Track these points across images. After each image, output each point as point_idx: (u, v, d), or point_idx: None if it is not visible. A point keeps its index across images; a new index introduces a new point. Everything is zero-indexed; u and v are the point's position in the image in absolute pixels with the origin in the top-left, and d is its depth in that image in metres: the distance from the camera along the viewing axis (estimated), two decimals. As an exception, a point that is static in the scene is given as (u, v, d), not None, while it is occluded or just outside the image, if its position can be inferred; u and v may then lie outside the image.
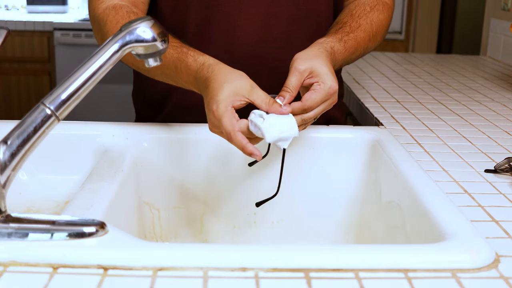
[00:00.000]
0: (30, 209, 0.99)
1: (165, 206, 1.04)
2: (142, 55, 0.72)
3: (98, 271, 0.59)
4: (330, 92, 0.88)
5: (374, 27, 1.06)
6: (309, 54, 0.91)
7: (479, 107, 1.32)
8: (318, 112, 0.89)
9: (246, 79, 0.85)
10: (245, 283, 0.57)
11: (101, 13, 1.03)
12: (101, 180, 0.82)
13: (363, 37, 1.04)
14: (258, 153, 0.83)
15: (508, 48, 1.98)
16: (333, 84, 0.88)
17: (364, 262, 0.60)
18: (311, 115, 0.88)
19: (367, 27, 1.05)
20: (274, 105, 0.84)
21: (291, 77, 0.88)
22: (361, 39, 1.03)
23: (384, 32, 1.11)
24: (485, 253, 0.62)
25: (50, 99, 0.65)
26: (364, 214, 1.02)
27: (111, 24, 1.00)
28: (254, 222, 1.06)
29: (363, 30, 1.04)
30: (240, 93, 0.83)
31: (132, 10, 1.01)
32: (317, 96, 0.87)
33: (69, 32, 3.18)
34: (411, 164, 0.90)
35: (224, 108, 0.82)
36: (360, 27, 1.04)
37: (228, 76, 0.85)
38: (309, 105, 0.87)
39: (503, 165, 0.88)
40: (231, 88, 0.83)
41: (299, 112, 0.87)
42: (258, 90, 0.84)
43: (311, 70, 0.88)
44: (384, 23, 1.10)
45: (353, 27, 1.03)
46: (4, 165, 0.63)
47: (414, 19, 3.62)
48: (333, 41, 0.97)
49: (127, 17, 0.99)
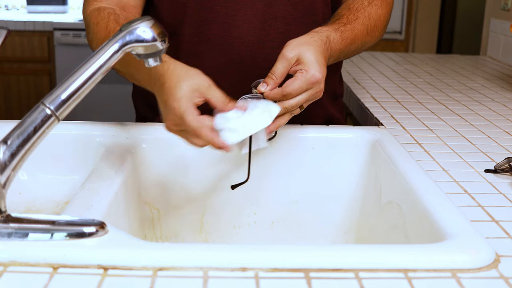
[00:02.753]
0: (30, 209, 0.99)
1: (165, 206, 1.04)
2: (142, 55, 0.72)
3: (98, 271, 0.59)
4: (311, 80, 0.87)
5: (372, 21, 1.06)
6: (300, 41, 0.90)
7: (479, 107, 1.32)
8: (300, 100, 0.88)
9: (203, 77, 0.84)
10: (245, 283, 0.57)
11: (87, 15, 1.06)
12: (101, 180, 0.82)
13: (361, 29, 1.04)
14: (227, 145, 0.82)
15: (508, 48, 1.98)
16: (316, 73, 0.87)
17: (364, 262, 0.60)
18: (292, 103, 0.88)
19: (365, 20, 1.05)
20: (229, 104, 0.83)
21: (278, 63, 0.88)
22: (358, 31, 1.03)
23: (382, 27, 1.10)
24: (485, 253, 0.62)
25: (50, 99, 0.65)
26: (364, 214, 1.02)
27: (93, 25, 1.02)
28: (254, 222, 1.06)
29: (361, 23, 1.04)
30: (199, 90, 0.82)
31: (115, 12, 1.02)
32: (296, 83, 0.87)
33: (69, 32, 3.18)
34: (411, 164, 0.90)
35: (185, 104, 0.81)
36: (357, 19, 1.04)
37: (184, 74, 0.83)
38: (288, 91, 0.86)
39: (503, 165, 0.88)
40: (189, 85, 0.82)
41: (278, 97, 0.87)
42: (215, 88, 0.83)
43: (298, 57, 0.88)
44: (382, 18, 1.09)
45: (350, 19, 1.03)
46: (4, 165, 0.63)
47: (414, 19, 3.62)
48: (329, 30, 0.97)
49: (107, 18, 1.00)
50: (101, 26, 1.01)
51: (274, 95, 0.87)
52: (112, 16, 1.01)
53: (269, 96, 0.88)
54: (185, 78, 0.82)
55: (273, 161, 1.04)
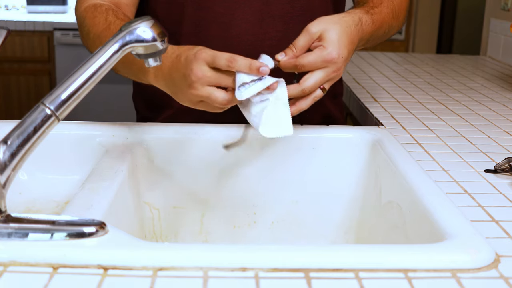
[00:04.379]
0: (30, 209, 0.99)
1: (165, 206, 1.04)
2: (142, 55, 0.72)
3: (98, 271, 0.59)
4: (326, 58, 0.85)
5: (396, 5, 1.06)
6: (328, 19, 0.89)
7: (479, 107, 1.32)
8: (318, 80, 0.86)
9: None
10: (245, 283, 0.57)
11: (82, 11, 1.05)
12: (101, 180, 0.82)
13: (387, 12, 1.03)
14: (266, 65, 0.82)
15: (508, 48, 1.98)
16: (333, 52, 0.85)
17: (364, 262, 0.60)
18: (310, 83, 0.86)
19: (389, 4, 1.05)
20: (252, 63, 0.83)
21: (300, 36, 0.87)
22: (385, 14, 1.03)
23: (405, 12, 1.10)
24: (485, 253, 0.62)
25: (50, 99, 0.65)
26: (364, 214, 1.02)
27: (89, 19, 1.02)
28: (254, 222, 1.06)
29: (386, 6, 1.04)
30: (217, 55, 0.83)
31: (112, 8, 1.02)
32: (311, 57, 0.85)
33: (69, 32, 3.18)
34: (411, 164, 0.90)
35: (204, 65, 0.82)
36: (382, 3, 1.03)
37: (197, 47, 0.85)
38: (301, 62, 0.85)
39: (503, 165, 0.88)
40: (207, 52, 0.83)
41: (290, 66, 0.86)
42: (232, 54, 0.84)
43: (321, 34, 0.87)
44: (403, 3, 1.09)
45: (376, 2, 1.02)
46: (4, 165, 0.63)
47: (414, 19, 3.62)
48: (361, 12, 0.96)
49: (105, 12, 1.00)
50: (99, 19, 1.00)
51: (287, 64, 0.85)
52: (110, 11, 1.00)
53: (282, 65, 0.86)
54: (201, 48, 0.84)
55: (273, 161, 1.04)
